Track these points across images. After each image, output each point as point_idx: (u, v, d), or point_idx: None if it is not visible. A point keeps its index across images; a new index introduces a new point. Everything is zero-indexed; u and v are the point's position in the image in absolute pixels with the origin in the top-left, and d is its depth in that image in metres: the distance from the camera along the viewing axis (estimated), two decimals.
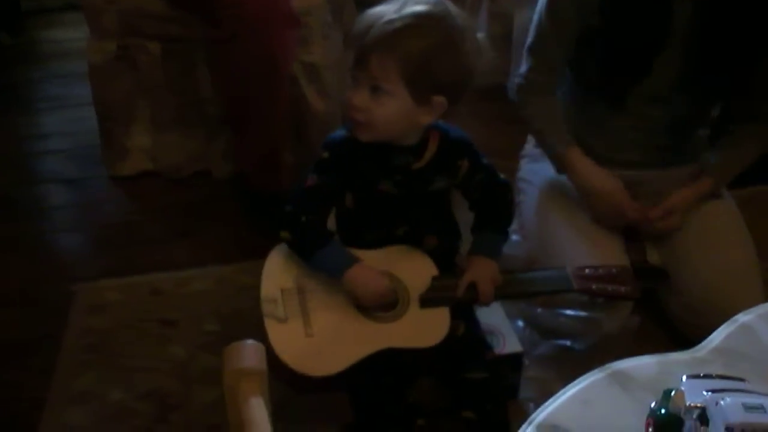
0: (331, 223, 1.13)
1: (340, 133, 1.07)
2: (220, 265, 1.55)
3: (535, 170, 1.40)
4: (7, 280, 1.52)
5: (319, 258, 1.05)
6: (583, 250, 1.20)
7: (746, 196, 1.69)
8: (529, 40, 1.27)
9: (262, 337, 1.02)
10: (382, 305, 1.05)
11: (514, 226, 1.33)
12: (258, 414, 0.52)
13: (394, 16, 0.94)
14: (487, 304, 1.09)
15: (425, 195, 1.08)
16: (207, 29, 1.42)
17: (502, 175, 1.12)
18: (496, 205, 1.12)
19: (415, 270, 1.08)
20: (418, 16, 0.94)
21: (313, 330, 1.02)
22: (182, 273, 1.53)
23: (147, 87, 1.68)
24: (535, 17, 1.24)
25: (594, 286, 1.08)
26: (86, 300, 1.46)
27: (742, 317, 0.71)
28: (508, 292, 1.09)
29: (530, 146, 1.46)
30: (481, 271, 1.08)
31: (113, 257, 1.60)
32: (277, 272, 1.09)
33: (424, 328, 1.04)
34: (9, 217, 1.70)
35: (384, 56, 0.94)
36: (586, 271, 1.09)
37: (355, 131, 1.01)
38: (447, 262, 1.12)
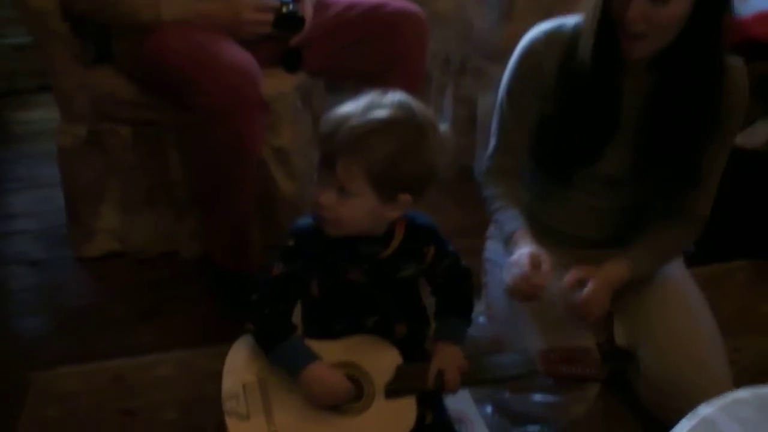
0: (298, 314, 1.12)
1: (306, 221, 1.07)
2: (184, 350, 1.52)
3: (500, 250, 1.42)
4: None
5: (278, 353, 1.04)
6: (549, 330, 1.20)
7: (708, 273, 1.74)
8: (493, 125, 1.31)
9: (223, 430, 1.00)
10: (345, 402, 1.04)
11: (479, 307, 1.33)
12: None
13: (359, 121, 0.95)
14: (454, 391, 1.08)
15: (394, 283, 1.08)
16: (178, 113, 1.44)
17: (463, 262, 1.13)
18: (460, 291, 1.13)
19: (380, 359, 1.07)
20: (381, 122, 0.95)
21: (276, 427, 1.00)
22: (145, 358, 1.49)
23: (116, 169, 1.68)
24: (497, 102, 1.29)
25: (560, 369, 1.08)
26: (42, 389, 1.41)
27: (704, 410, 0.71)
28: (474, 378, 1.08)
29: (494, 228, 1.49)
30: (447, 358, 1.07)
31: (74, 342, 1.57)
32: (239, 366, 1.07)
33: (390, 419, 1.02)
34: None
35: (349, 160, 0.95)
36: (551, 354, 1.09)
37: (323, 227, 1.02)
38: (416, 350, 1.11)
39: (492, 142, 1.31)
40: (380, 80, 1.18)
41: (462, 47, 2.09)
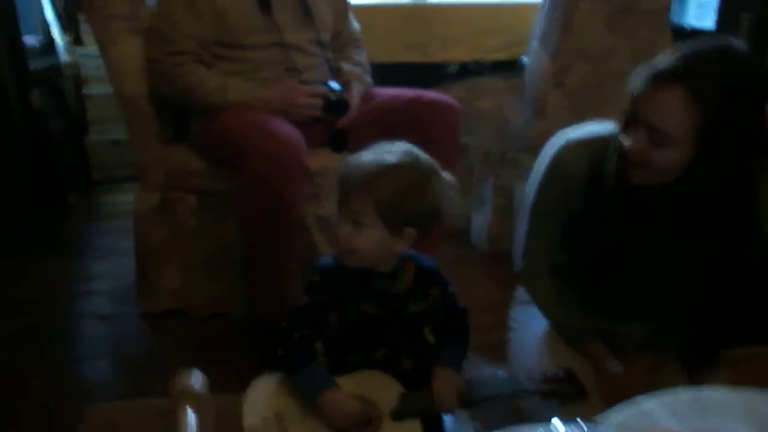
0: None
1: (328, 259, 1.23)
2: (225, 395, 1.64)
3: (529, 313, 1.49)
4: (27, 397, 1.65)
5: (303, 376, 1.16)
6: None
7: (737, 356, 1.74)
8: (521, 229, 1.37)
9: None
10: (357, 425, 1.14)
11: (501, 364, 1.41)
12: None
13: (371, 162, 1.13)
14: (452, 411, 1.17)
15: (402, 318, 1.21)
16: (234, 180, 1.66)
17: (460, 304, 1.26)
18: (457, 326, 1.24)
19: (384, 390, 1.18)
20: (390, 164, 1.12)
21: None
22: None
23: (181, 233, 1.91)
24: (528, 209, 1.34)
25: (545, 387, 1.15)
26: (93, 419, 1.56)
27: (644, 402, 0.78)
28: (469, 398, 1.17)
29: (523, 291, 1.57)
30: (446, 382, 1.17)
31: (128, 384, 1.73)
32: (257, 403, 1.18)
33: None
34: (41, 346, 1.88)
35: (361, 196, 1.11)
36: (537, 374, 1.17)
37: (342, 258, 1.17)
38: (421, 384, 1.21)
39: (524, 243, 1.36)
40: None
41: (500, 142, 2.28)
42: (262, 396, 1.19)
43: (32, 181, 2.70)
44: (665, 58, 1.10)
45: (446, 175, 1.22)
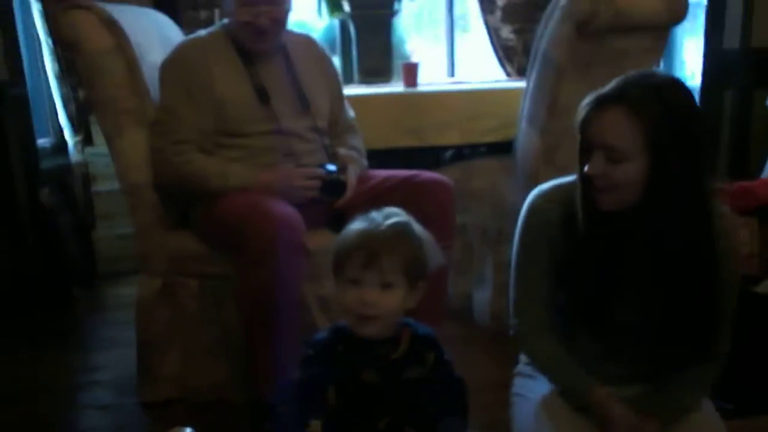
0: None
1: (322, 335, 1.25)
2: None
3: (529, 385, 1.48)
4: None
5: None
6: None
7: (743, 426, 1.70)
8: (511, 284, 1.39)
9: None
10: None
11: None
12: None
13: (388, 226, 1.17)
14: None
15: (402, 383, 1.21)
16: (233, 260, 1.69)
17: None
18: (455, 395, 1.25)
19: None
20: (405, 224, 1.20)
21: None
22: None
23: (182, 318, 1.92)
24: (513, 262, 1.38)
25: None
26: None
27: None
28: None
29: (522, 365, 1.56)
30: None
31: None
32: None
33: None
34: None
35: (393, 257, 1.15)
36: None
37: (362, 327, 1.17)
38: None
39: (515, 300, 1.39)
40: None
41: (497, 219, 2.32)
42: None
43: (39, 276, 2.75)
44: (605, 88, 1.21)
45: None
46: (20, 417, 1.95)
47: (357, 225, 1.21)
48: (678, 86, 1.21)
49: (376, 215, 1.21)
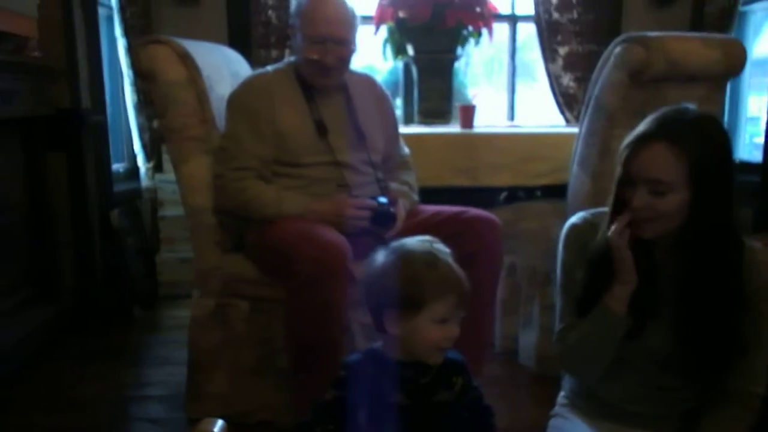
0: None
1: (356, 355, 1.29)
2: None
3: (566, 427, 1.49)
4: None
5: None
6: None
7: None
8: (557, 304, 1.46)
9: None
10: None
11: None
12: None
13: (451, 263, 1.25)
14: None
15: (431, 407, 1.23)
16: (282, 284, 1.76)
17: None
18: (483, 422, 1.26)
19: None
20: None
21: None
22: None
23: (232, 339, 1.99)
24: (558, 283, 1.46)
25: None
26: None
27: None
28: None
29: (559, 406, 1.56)
30: None
31: None
32: None
33: None
34: None
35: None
36: None
37: (439, 357, 1.24)
38: None
39: (559, 313, 1.45)
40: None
41: (546, 261, 2.32)
42: None
43: (105, 294, 2.89)
44: (642, 126, 1.28)
45: None
46: (75, 425, 2.04)
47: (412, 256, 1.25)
48: (712, 121, 1.28)
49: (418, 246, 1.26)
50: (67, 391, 2.27)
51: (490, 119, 3.37)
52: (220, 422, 0.71)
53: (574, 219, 1.46)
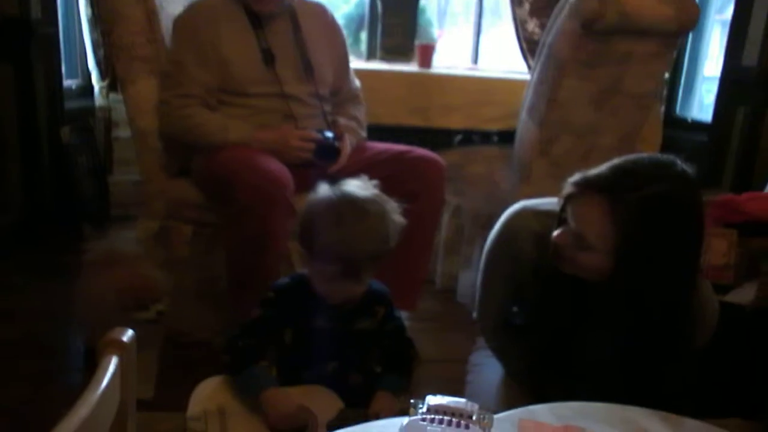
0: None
1: (285, 279, 1.34)
2: None
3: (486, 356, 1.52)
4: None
5: (244, 377, 1.25)
6: None
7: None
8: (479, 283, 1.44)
9: None
10: (293, 429, 1.21)
11: None
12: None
13: (362, 232, 1.23)
14: None
15: (351, 334, 1.30)
16: (222, 210, 1.78)
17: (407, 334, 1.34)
18: (402, 353, 1.32)
19: (325, 402, 1.26)
20: (377, 214, 1.26)
21: None
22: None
23: (174, 261, 2.03)
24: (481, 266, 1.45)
25: None
26: None
27: (534, 407, 0.84)
28: None
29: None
30: (384, 405, 1.24)
31: None
32: (202, 398, 1.28)
33: None
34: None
35: (366, 263, 1.25)
36: None
37: (330, 300, 1.29)
38: (367, 400, 1.28)
39: (478, 301, 1.45)
40: (404, 211, 1.35)
41: (490, 205, 2.38)
42: (207, 391, 1.27)
43: (54, 210, 2.88)
44: (601, 168, 1.13)
45: None
46: (21, 334, 2.09)
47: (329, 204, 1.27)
48: (673, 200, 1.08)
49: (345, 188, 1.29)
50: (11, 303, 2.30)
51: (451, 60, 3.36)
52: (130, 332, 0.74)
53: (511, 217, 1.36)
